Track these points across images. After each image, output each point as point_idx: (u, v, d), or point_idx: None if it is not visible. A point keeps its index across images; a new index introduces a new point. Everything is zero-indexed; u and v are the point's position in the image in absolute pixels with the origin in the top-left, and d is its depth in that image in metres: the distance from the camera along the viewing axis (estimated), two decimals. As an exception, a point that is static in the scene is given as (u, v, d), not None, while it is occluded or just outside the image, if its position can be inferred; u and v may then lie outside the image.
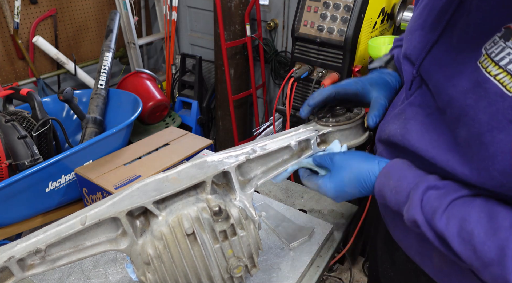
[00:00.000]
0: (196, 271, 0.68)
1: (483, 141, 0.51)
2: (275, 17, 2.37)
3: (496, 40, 0.51)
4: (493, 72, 0.50)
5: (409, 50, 0.69)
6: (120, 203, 0.67)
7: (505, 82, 0.49)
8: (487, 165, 0.51)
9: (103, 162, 1.65)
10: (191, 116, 2.71)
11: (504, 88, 0.49)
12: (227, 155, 0.75)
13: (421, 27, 0.66)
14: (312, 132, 0.79)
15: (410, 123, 0.66)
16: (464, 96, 0.53)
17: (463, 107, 0.53)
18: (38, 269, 0.66)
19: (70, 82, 2.72)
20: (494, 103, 0.50)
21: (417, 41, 0.66)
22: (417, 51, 0.65)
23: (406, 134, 0.66)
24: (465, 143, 0.54)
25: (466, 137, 0.54)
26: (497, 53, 0.50)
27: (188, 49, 2.97)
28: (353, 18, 1.46)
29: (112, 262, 0.94)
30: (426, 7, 0.66)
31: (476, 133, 0.52)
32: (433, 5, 0.64)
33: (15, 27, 2.24)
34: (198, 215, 0.68)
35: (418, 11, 0.70)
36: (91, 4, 2.67)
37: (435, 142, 0.60)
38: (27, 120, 1.73)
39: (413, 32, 0.68)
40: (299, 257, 0.93)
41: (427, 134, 0.62)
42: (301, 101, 1.71)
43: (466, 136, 0.54)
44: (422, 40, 0.64)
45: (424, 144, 0.62)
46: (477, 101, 0.52)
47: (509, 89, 0.48)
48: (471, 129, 0.52)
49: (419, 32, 0.66)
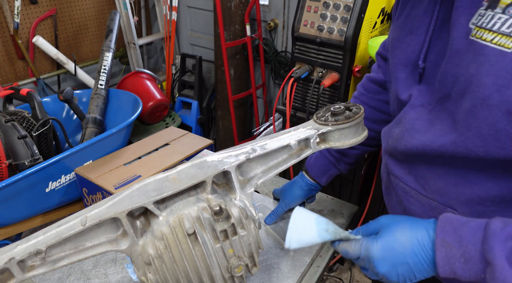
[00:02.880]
0: (197, 271, 0.68)
1: (491, 104, 0.54)
2: (275, 17, 2.37)
3: (482, 13, 0.57)
4: (488, 39, 0.55)
5: (404, 55, 0.73)
6: (120, 203, 0.67)
7: (501, 42, 0.53)
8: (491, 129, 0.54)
9: (103, 162, 1.65)
10: (191, 116, 2.71)
11: (502, 48, 0.53)
12: (227, 154, 0.75)
13: (410, 33, 0.72)
14: (311, 131, 0.79)
15: (417, 123, 0.68)
16: (466, 69, 0.57)
17: (467, 79, 0.57)
18: (38, 270, 0.66)
19: (70, 82, 2.72)
20: (496, 63, 0.53)
21: (412, 45, 0.72)
22: (415, 53, 0.71)
23: (415, 134, 0.68)
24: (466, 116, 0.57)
25: (470, 108, 0.56)
26: (488, 22, 0.55)
27: (188, 49, 2.97)
28: (353, 18, 1.46)
29: (112, 262, 0.94)
30: (409, 15, 0.73)
31: (482, 99, 0.54)
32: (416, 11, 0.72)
33: (15, 27, 2.24)
34: (199, 215, 0.68)
35: (400, 21, 0.76)
36: (91, 4, 2.67)
37: (440, 131, 0.63)
38: (27, 120, 1.73)
39: (403, 39, 0.74)
40: (299, 257, 0.93)
41: (433, 128, 0.65)
42: (301, 101, 1.71)
43: (470, 106, 0.56)
44: (416, 42, 0.71)
45: (432, 136, 0.65)
46: (478, 68, 0.55)
47: (507, 46, 0.52)
48: (477, 96, 0.55)
49: (410, 37, 0.72)
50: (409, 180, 0.74)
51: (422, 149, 0.67)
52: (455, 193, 0.66)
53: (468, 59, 0.58)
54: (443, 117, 0.64)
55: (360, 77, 1.58)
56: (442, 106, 0.64)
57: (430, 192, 0.70)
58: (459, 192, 0.65)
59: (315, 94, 1.62)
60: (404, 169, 0.75)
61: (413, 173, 0.73)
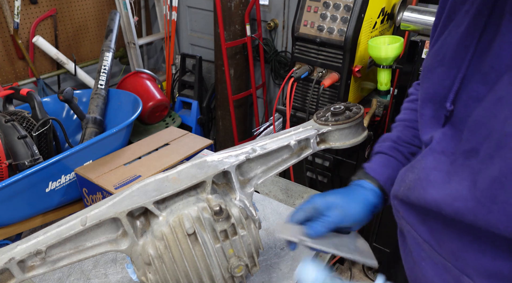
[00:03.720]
0: (198, 271, 0.68)
1: None
2: (275, 17, 2.37)
3: None
4: None
5: (432, 89, 0.61)
6: (121, 204, 0.67)
7: None
8: None
9: (103, 162, 1.65)
10: (191, 116, 2.71)
11: None
12: (227, 154, 0.75)
13: (441, 64, 0.59)
14: (311, 131, 0.79)
15: (433, 174, 0.57)
16: (502, 125, 0.46)
17: (501, 138, 0.46)
18: (38, 271, 0.66)
19: (70, 82, 2.72)
20: None
21: (441, 78, 0.59)
22: (444, 89, 0.58)
23: (428, 187, 0.57)
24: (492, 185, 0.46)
25: (498, 176, 0.45)
26: None
27: (188, 49, 2.97)
28: (353, 18, 1.46)
29: (112, 262, 0.94)
30: (444, 42, 0.60)
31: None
32: (451, 38, 0.58)
33: (15, 27, 2.24)
34: (199, 215, 0.68)
35: (435, 48, 0.63)
36: (91, 4, 2.67)
37: (456, 192, 0.51)
38: (27, 120, 1.73)
39: (434, 70, 0.61)
40: (299, 257, 0.93)
41: (449, 185, 0.53)
42: (301, 101, 1.71)
43: (498, 174, 0.45)
44: (447, 77, 0.58)
45: (447, 195, 0.53)
46: None
47: None
48: (509, 163, 0.44)
49: (440, 68, 0.59)
50: (422, 231, 0.61)
51: (436, 208, 0.55)
52: (474, 262, 0.54)
53: (508, 111, 0.45)
54: (463, 175, 0.51)
55: (360, 77, 1.58)
56: (466, 162, 0.51)
57: (445, 250, 0.58)
58: (479, 262, 0.53)
59: (315, 94, 1.62)
60: (417, 216, 0.62)
61: (427, 223, 0.60)
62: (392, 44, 1.46)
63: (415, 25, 1.48)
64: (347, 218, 0.73)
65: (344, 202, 0.74)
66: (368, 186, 0.77)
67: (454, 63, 0.57)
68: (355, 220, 0.74)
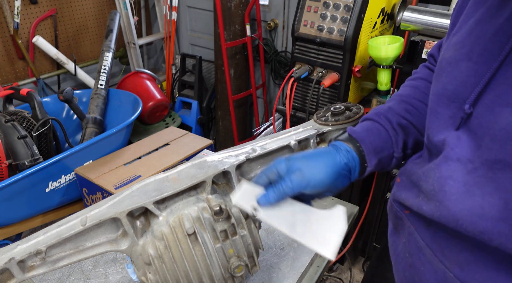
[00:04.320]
0: (198, 271, 0.68)
1: None
2: (275, 17, 2.37)
3: None
4: None
5: (451, 85, 0.54)
6: (121, 204, 0.67)
7: None
8: None
9: (103, 162, 1.65)
10: (191, 116, 2.71)
11: None
12: (227, 154, 0.75)
13: (468, 58, 0.52)
14: (311, 131, 0.79)
15: (449, 185, 0.50)
16: None
17: None
18: (38, 271, 0.66)
19: (70, 82, 2.72)
20: None
21: (465, 75, 0.52)
22: (467, 87, 0.51)
23: (444, 200, 0.51)
24: None
25: None
26: None
27: (188, 49, 2.97)
28: (353, 18, 1.46)
29: (112, 262, 0.94)
30: (471, 33, 0.53)
31: None
32: (482, 30, 0.51)
33: (15, 27, 2.24)
34: (199, 215, 0.68)
35: (458, 38, 0.56)
36: (91, 4, 2.67)
37: (480, 208, 0.46)
38: (27, 120, 1.73)
39: (456, 64, 0.54)
40: (299, 257, 0.93)
41: (469, 198, 0.48)
42: (301, 101, 1.71)
43: None
44: (473, 74, 0.51)
45: (468, 212, 0.47)
46: None
47: None
48: None
49: (466, 63, 0.52)
50: (426, 235, 0.57)
51: (453, 223, 0.49)
52: (483, 277, 0.48)
53: None
54: (487, 189, 0.46)
55: (360, 77, 1.58)
56: (490, 173, 0.46)
57: (448, 259, 0.53)
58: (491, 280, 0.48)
59: (315, 94, 1.62)
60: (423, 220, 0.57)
61: (433, 228, 0.56)
62: (392, 44, 1.46)
63: (415, 25, 1.48)
64: (309, 183, 0.63)
65: (306, 164, 0.64)
66: (342, 147, 0.68)
67: (483, 58, 0.50)
68: (318, 184, 0.63)
